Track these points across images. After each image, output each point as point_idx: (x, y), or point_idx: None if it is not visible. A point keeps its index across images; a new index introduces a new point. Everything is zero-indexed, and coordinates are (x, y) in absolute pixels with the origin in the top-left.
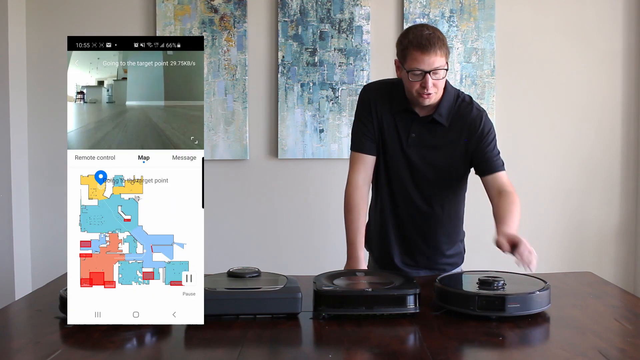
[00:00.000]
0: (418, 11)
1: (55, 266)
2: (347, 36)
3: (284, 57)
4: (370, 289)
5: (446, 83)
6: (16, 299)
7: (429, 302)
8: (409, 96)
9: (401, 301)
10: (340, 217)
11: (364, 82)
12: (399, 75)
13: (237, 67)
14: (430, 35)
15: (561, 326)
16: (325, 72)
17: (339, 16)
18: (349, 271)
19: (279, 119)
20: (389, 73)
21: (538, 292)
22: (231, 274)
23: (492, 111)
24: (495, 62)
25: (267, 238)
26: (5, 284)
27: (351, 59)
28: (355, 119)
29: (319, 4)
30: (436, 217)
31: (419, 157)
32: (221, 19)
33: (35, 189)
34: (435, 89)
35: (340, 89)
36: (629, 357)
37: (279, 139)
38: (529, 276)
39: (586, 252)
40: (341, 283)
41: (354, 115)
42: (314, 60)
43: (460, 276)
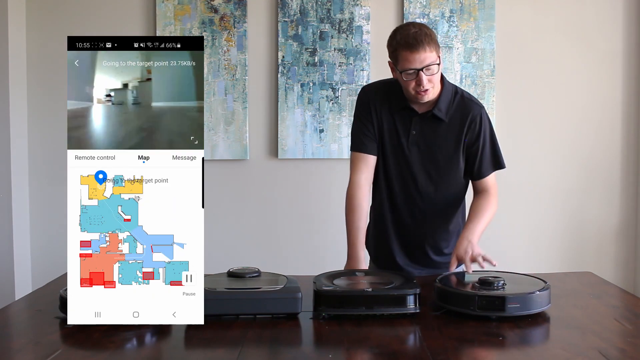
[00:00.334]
0: (418, 11)
1: (55, 266)
2: (347, 36)
3: (284, 57)
4: (370, 289)
5: (443, 79)
6: (16, 299)
7: (429, 302)
8: (407, 95)
9: (401, 301)
10: (340, 217)
11: (364, 82)
12: (394, 76)
13: (237, 67)
14: (417, 33)
15: (561, 326)
16: (325, 72)
17: (339, 16)
18: (349, 271)
19: (279, 119)
20: (389, 73)
21: (538, 292)
22: (231, 274)
23: (492, 111)
24: (495, 62)
25: (267, 238)
26: (5, 284)
27: (351, 59)
28: (354, 119)
29: (319, 4)
30: (437, 215)
31: (420, 154)
32: (221, 19)
33: (35, 189)
34: (431, 84)
35: (340, 89)
36: (629, 357)
37: (279, 139)
38: (529, 276)
39: (586, 252)
40: (341, 283)
41: (353, 115)
42: (314, 60)
43: (460, 276)
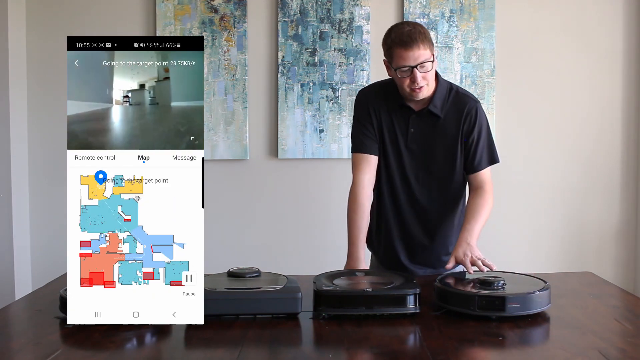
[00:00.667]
0: (418, 11)
1: (55, 266)
2: (347, 36)
3: (284, 57)
4: (370, 289)
5: (438, 76)
6: (16, 299)
7: (429, 302)
8: (402, 93)
9: (401, 301)
10: (340, 216)
11: (364, 82)
12: (390, 74)
13: (237, 67)
14: (411, 31)
15: (561, 326)
16: (325, 72)
17: (339, 16)
18: (349, 271)
19: (279, 119)
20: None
21: (538, 292)
22: (231, 274)
23: (492, 111)
24: (495, 62)
25: (267, 238)
26: (5, 284)
27: (351, 59)
28: (354, 122)
29: (319, 4)
30: (439, 212)
31: (420, 151)
32: (221, 19)
33: (35, 189)
34: (425, 81)
35: (340, 89)
36: (629, 357)
37: (279, 139)
38: (529, 276)
39: (586, 252)
40: (341, 283)
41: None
42: (314, 60)
43: (460, 276)
